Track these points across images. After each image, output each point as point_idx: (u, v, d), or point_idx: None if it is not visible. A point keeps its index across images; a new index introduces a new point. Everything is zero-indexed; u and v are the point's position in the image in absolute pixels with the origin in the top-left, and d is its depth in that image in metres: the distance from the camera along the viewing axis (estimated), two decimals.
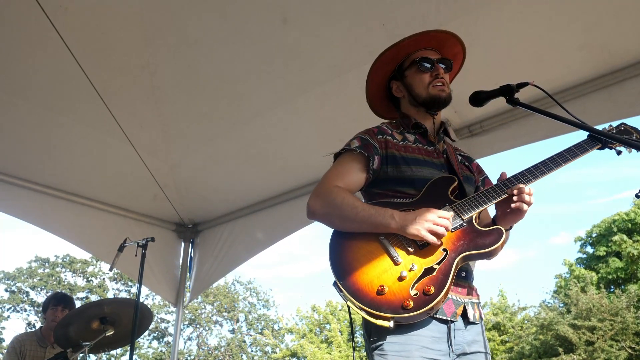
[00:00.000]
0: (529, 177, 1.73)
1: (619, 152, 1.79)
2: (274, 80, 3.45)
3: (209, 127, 3.91)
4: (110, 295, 27.67)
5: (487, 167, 2.09)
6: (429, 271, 1.59)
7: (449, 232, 1.64)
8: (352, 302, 1.58)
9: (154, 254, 4.27)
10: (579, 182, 43.64)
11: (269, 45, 3.17)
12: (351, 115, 3.02)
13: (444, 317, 1.65)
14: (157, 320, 27.72)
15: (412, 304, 1.52)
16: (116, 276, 27.71)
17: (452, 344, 1.65)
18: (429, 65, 1.94)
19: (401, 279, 1.58)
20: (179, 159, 4.28)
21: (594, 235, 22.07)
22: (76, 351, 3.36)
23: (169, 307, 26.95)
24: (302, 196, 4.40)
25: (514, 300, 30.53)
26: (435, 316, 1.63)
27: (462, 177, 1.86)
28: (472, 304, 1.75)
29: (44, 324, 4.19)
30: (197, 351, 29.02)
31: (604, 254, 20.72)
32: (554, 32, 2.98)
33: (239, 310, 29.95)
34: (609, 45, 3.01)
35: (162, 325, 28.35)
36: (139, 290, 3.47)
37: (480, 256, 1.66)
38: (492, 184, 1.83)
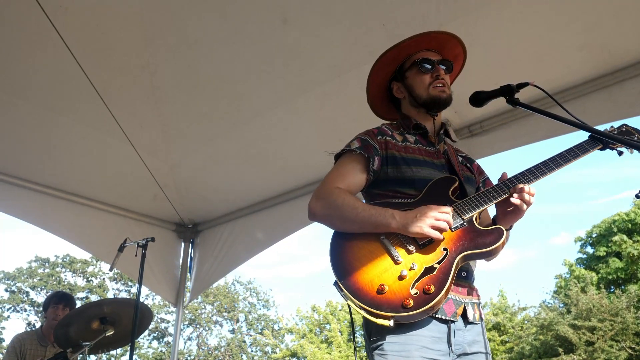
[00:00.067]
0: (529, 177, 1.73)
1: (620, 153, 1.79)
2: (274, 80, 3.45)
3: (209, 127, 3.91)
4: (110, 295, 27.69)
5: (487, 168, 2.09)
6: (429, 270, 1.59)
7: (450, 231, 1.64)
8: (353, 302, 1.58)
9: (154, 254, 4.27)
10: (579, 182, 43.71)
11: (269, 45, 3.17)
12: (351, 115, 3.02)
13: (444, 317, 1.65)
14: (157, 320, 27.74)
15: (412, 303, 1.52)
16: (116, 276, 27.73)
17: (452, 344, 1.65)
18: (429, 66, 1.95)
19: (401, 278, 1.58)
20: (179, 159, 4.29)
21: (594, 235, 22.08)
22: (76, 351, 3.36)
23: (169, 307, 26.98)
24: (302, 196, 4.40)
25: (514, 300, 30.59)
26: (435, 316, 1.63)
27: (462, 178, 1.86)
28: (472, 304, 1.75)
29: (45, 322, 4.18)
30: (197, 351, 29.03)
31: (604, 254, 20.73)
32: (554, 32, 2.98)
33: (239, 310, 29.96)
34: (609, 45, 3.01)
35: (162, 325, 28.37)
36: (139, 290, 3.47)
37: (480, 255, 1.66)
38: (493, 184, 1.83)
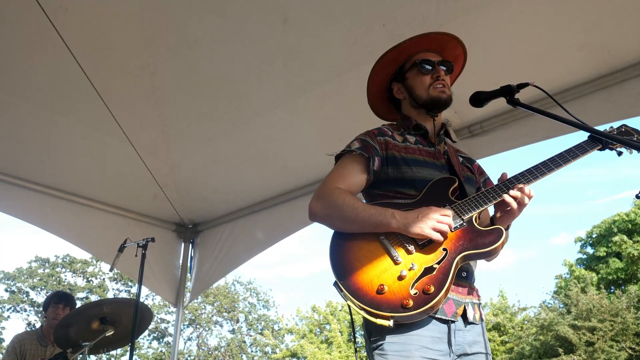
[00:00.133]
0: (529, 178, 1.73)
1: (620, 153, 1.79)
2: (274, 80, 3.45)
3: (209, 127, 3.91)
4: (110, 295, 27.69)
5: (487, 168, 2.09)
6: (428, 270, 1.59)
7: (450, 231, 1.64)
8: (352, 302, 1.59)
9: (154, 254, 4.27)
10: (579, 182, 43.70)
11: (269, 45, 3.17)
12: (351, 115, 3.03)
13: (444, 317, 1.65)
14: (157, 320, 27.75)
15: (411, 303, 1.52)
16: (116, 276, 27.73)
17: (452, 344, 1.65)
18: (429, 67, 1.95)
19: (401, 278, 1.58)
20: (179, 159, 4.29)
21: (594, 235, 22.08)
22: (76, 351, 3.36)
23: (169, 308, 26.98)
24: (302, 196, 4.40)
25: (514, 300, 30.60)
26: (435, 316, 1.63)
27: (462, 178, 1.86)
28: (472, 305, 1.75)
29: (45, 322, 4.18)
30: (197, 351, 29.02)
31: (604, 254, 20.73)
32: (554, 32, 2.98)
33: (239, 310, 29.96)
34: (609, 45, 3.01)
35: (162, 325, 28.37)
36: (139, 290, 3.47)
37: (480, 256, 1.66)
38: (494, 184, 1.83)
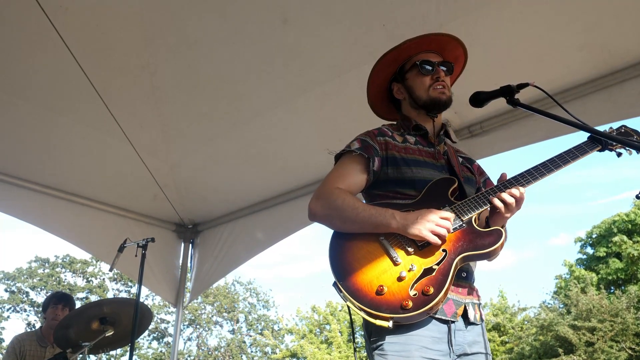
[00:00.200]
0: (529, 179, 1.73)
1: (619, 154, 1.79)
2: (274, 80, 3.45)
3: (209, 127, 3.91)
4: (110, 295, 27.67)
5: (487, 168, 2.09)
6: (428, 272, 1.59)
7: (449, 232, 1.64)
8: (352, 303, 1.59)
9: (154, 254, 4.27)
10: (578, 183, 43.65)
11: (269, 45, 3.17)
12: (351, 115, 3.03)
13: (444, 317, 1.65)
14: (157, 320, 27.73)
15: (411, 304, 1.52)
16: (116, 276, 27.72)
17: (452, 345, 1.65)
18: (430, 67, 1.95)
19: (400, 279, 1.58)
20: (179, 159, 4.29)
21: (594, 236, 22.06)
22: (76, 352, 3.36)
23: (168, 308, 26.97)
24: (302, 196, 4.40)
25: (514, 301, 30.54)
26: (435, 316, 1.63)
27: (462, 179, 1.86)
28: (472, 305, 1.75)
29: (44, 323, 4.18)
30: (197, 352, 29.02)
31: (604, 254, 20.71)
32: (554, 32, 2.98)
33: (239, 310, 29.95)
34: (609, 45, 3.01)
35: (162, 325, 28.35)
36: (139, 290, 3.47)
37: (479, 257, 1.66)
38: (494, 184, 1.83)
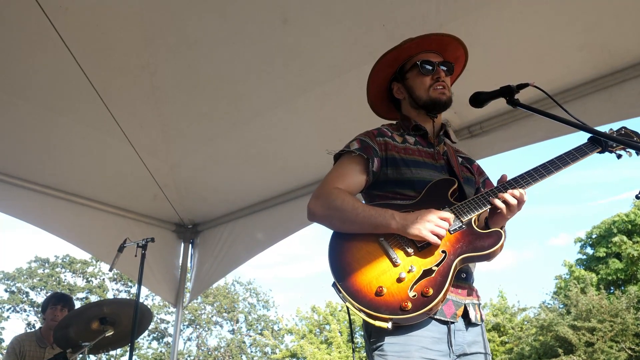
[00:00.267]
0: (529, 180, 1.73)
1: (619, 156, 1.79)
2: (274, 80, 3.45)
3: (209, 127, 3.91)
4: (110, 295, 27.68)
5: (487, 168, 2.09)
6: (427, 273, 1.59)
7: (448, 234, 1.64)
8: (351, 303, 1.58)
9: (154, 254, 4.27)
10: (578, 183, 43.63)
11: (269, 45, 3.17)
12: (351, 115, 3.03)
13: (444, 318, 1.65)
14: (156, 320, 27.72)
15: (410, 306, 1.52)
16: (116, 276, 27.71)
17: (452, 345, 1.65)
18: (430, 67, 1.94)
19: (400, 280, 1.58)
20: (179, 159, 4.29)
21: (593, 236, 22.04)
22: (76, 352, 3.36)
23: (168, 308, 26.96)
24: (302, 196, 4.40)
25: (513, 301, 30.52)
26: (434, 317, 1.63)
27: (462, 179, 1.86)
28: (472, 305, 1.75)
29: (44, 324, 4.19)
30: (197, 352, 29.01)
31: (604, 255, 20.68)
32: (554, 32, 2.98)
33: (239, 310, 29.94)
34: (609, 45, 3.01)
35: (161, 325, 28.34)
36: (139, 290, 3.47)
37: (479, 258, 1.65)
38: (493, 185, 1.83)
